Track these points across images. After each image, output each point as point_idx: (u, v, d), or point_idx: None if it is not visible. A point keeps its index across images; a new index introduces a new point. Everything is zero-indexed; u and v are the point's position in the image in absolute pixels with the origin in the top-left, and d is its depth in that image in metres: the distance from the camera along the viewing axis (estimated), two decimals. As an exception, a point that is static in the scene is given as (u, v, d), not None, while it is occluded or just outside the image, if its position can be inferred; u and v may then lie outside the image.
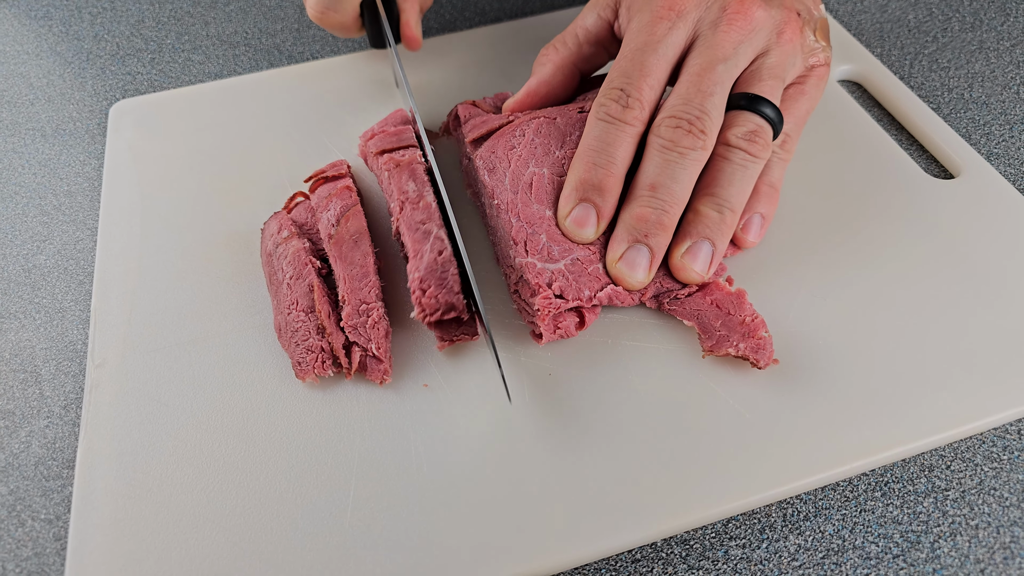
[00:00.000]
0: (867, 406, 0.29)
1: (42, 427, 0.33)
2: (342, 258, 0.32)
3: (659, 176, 0.30)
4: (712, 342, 0.30)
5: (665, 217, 0.30)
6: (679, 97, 0.30)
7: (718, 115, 0.30)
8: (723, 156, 0.31)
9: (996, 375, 0.30)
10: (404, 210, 0.32)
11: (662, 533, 0.26)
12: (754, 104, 0.31)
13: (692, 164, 0.30)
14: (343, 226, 0.32)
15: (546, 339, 0.30)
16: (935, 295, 0.33)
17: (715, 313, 0.30)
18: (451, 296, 0.29)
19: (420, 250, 0.31)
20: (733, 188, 0.30)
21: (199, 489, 0.28)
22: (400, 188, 0.33)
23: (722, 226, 0.30)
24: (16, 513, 0.30)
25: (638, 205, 0.30)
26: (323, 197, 0.34)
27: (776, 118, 0.31)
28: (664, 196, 0.30)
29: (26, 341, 0.36)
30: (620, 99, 0.31)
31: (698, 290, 0.31)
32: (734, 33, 0.31)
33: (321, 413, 0.30)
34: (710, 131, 0.30)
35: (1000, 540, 0.29)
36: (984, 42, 0.49)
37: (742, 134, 0.30)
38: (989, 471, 0.30)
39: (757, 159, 0.31)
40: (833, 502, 0.30)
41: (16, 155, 0.45)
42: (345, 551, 0.26)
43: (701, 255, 0.30)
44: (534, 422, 0.29)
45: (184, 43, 0.53)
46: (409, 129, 0.37)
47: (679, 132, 0.30)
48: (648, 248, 0.30)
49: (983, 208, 0.36)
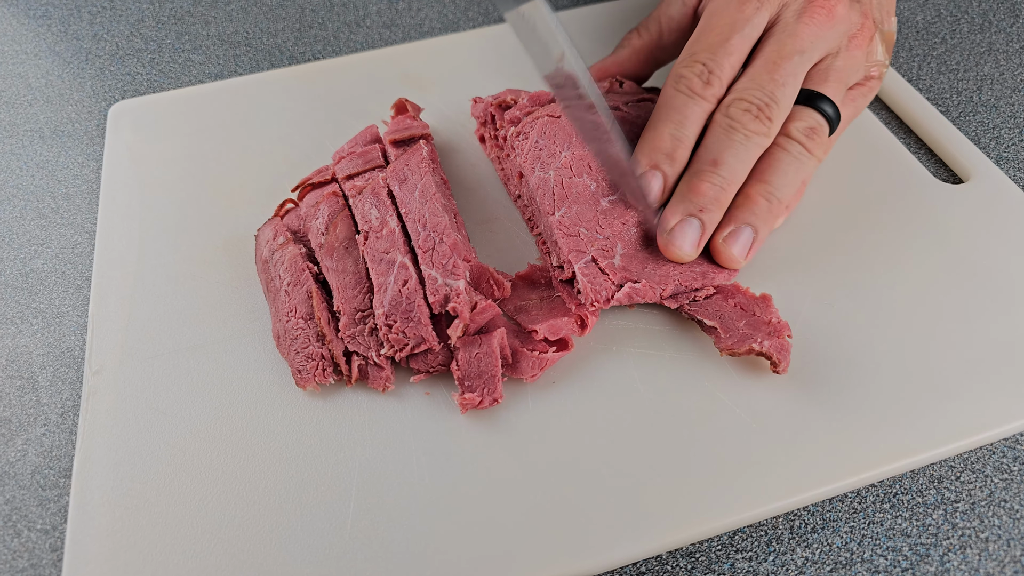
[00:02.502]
0: (876, 416, 0.28)
1: (39, 435, 0.32)
2: (334, 267, 0.31)
3: (722, 153, 0.30)
4: (733, 340, 0.29)
5: (722, 195, 0.30)
6: (753, 81, 0.31)
7: (787, 105, 0.31)
8: (781, 147, 0.31)
9: (1007, 384, 0.29)
10: (368, 240, 0.31)
11: (667, 546, 0.26)
12: (817, 102, 0.32)
13: (755, 147, 0.31)
14: (332, 233, 0.32)
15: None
16: (945, 303, 0.32)
17: (739, 314, 0.30)
18: (419, 329, 0.29)
19: (384, 283, 0.30)
20: (786, 179, 0.31)
21: (197, 499, 0.27)
22: (363, 216, 0.32)
23: (768, 215, 0.31)
24: (12, 523, 0.30)
25: (698, 179, 0.31)
26: (311, 205, 0.34)
27: (835, 119, 0.32)
28: (725, 173, 0.30)
29: (23, 347, 0.35)
30: (702, 75, 0.31)
31: (716, 293, 0.31)
32: (814, 26, 0.31)
33: (321, 421, 0.29)
34: (777, 119, 0.31)
35: (1011, 553, 0.28)
36: (993, 44, 0.48)
37: (803, 129, 0.31)
38: (999, 482, 0.30)
39: (812, 156, 0.31)
40: (841, 514, 0.29)
41: (14, 157, 0.45)
42: (346, 562, 0.26)
43: (741, 240, 0.31)
44: (537, 431, 0.29)
45: (184, 43, 0.52)
46: (375, 149, 0.36)
47: (748, 116, 0.30)
48: (701, 223, 0.30)
49: (993, 214, 0.35)
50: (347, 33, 0.52)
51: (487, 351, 0.29)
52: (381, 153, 0.36)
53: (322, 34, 0.52)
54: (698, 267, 0.31)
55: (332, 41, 0.52)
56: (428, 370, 0.30)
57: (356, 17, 0.54)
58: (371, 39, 0.52)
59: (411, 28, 0.52)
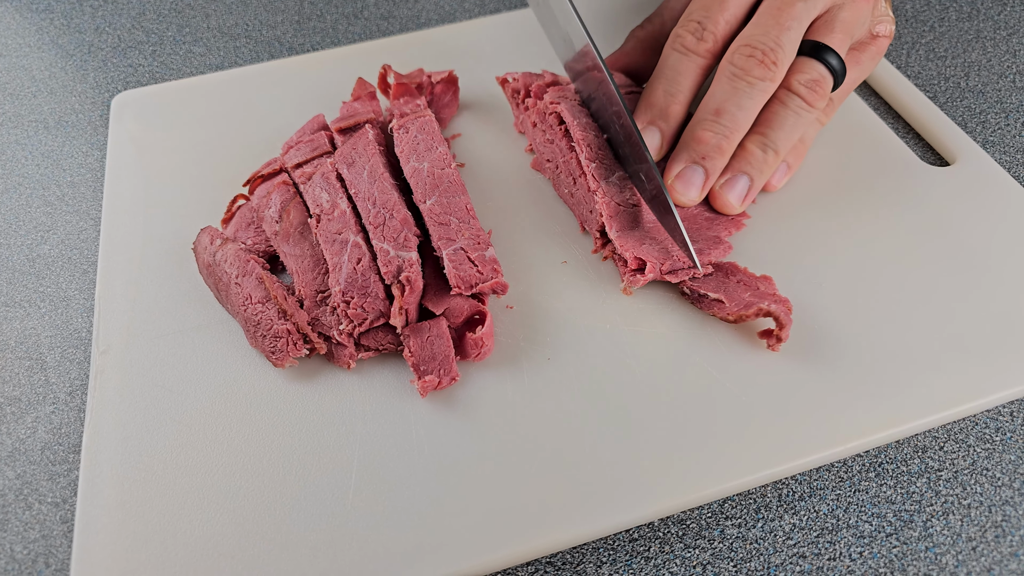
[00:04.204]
0: (862, 388, 0.29)
1: (48, 413, 0.33)
2: (291, 252, 0.32)
3: (725, 102, 0.31)
4: (739, 307, 0.30)
5: (724, 142, 0.31)
6: (757, 27, 0.31)
7: (792, 50, 0.31)
8: (780, 100, 0.32)
9: (989, 357, 0.30)
10: (321, 223, 0.32)
11: (659, 513, 0.27)
12: (821, 53, 0.32)
13: (759, 94, 0.31)
14: (286, 220, 0.33)
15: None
16: (929, 280, 0.33)
17: (742, 288, 0.31)
18: (377, 303, 0.30)
19: (338, 262, 0.31)
20: (783, 132, 0.32)
21: (203, 472, 0.28)
22: (315, 201, 0.33)
23: (763, 165, 0.32)
24: (23, 497, 0.31)
25: (701, 128, 0.32)
26: (262, 196, 0.35)
27: (840, 71, 0.32)
28: (727, 122, 0.31)
29: (32, 329, 0.36)
30: (696, 32, 0.32)
31: (715, 271, 0.32)
32: None
33: (323, 396, 0.30)
34: (781, 64, 0.31)
35: (992, 519, 0.29)
36: (981, 31, 0.49)
37: (805, 81, 0.32)
38: (982, 452, 0.31)
39: (812, 109, 0.32)
40: (828, 482, 0.30)
41: (19, 147, 0.45)
42: (348, 531, 0.27)
43: (738, 187, 0.32)
44: (532, 405, 0.30)
45: (185, 35, 0.53)
46: (322, 136, 0.37)
47: (752, 61, 0.31)
48: (704, 169, 0.32)
49: (978, 195, 0.36)
50: (345, 24, 0.53)
51: (438, 333, 0.30)
52: (328, 140, 0.37)
53: (321, 26, 0.53)
54: (694, 244, 0.32)
55: (331, 32, 0.53)
56: (378, 348, 0.31)
57: (354, 9, 0.54)
58: (369, 30, 0.53)
59: (408, 19, 0.53)
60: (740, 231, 0.34)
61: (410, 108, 0.37)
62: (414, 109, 0.37)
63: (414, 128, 0.35)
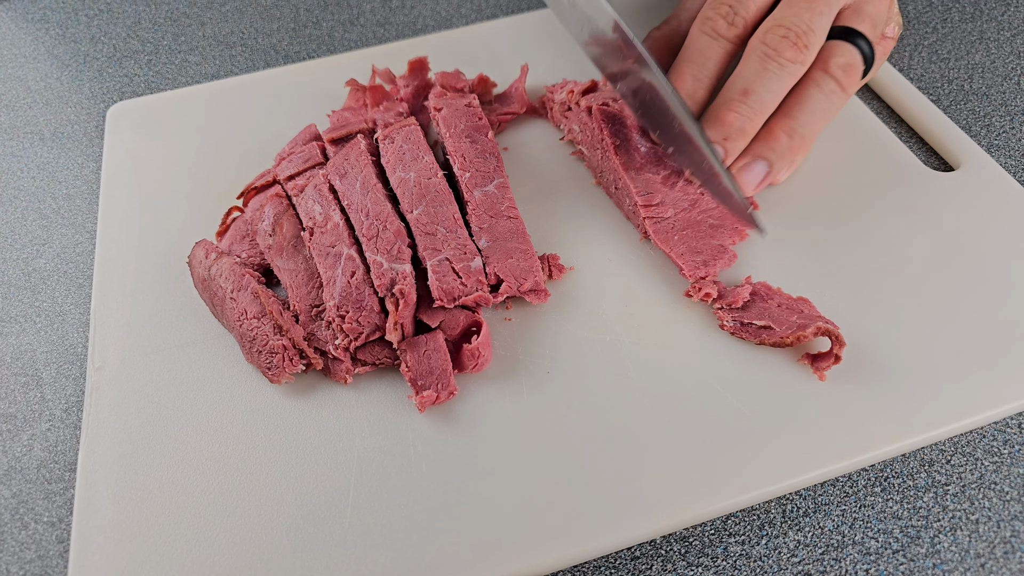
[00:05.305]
0: (866, 401, 0.29)
1: (44, 430, 0.33)
2: (285, 267, 0.32)
3: (754, 82, 0.31)
4: (791, 330, 0.29)
5: (748, 124, 0.31)
6: (790, 8, 0.31)
7: (822, 34, 0.31)
8: (815, 82, 0.31)
9: (996, 368, 0.30)
10: (314, 236, 0.32)
11: (661, 530, 0.26)
12: (853, 37, 0.31)
13: (788, 76, 0.31)
14: (279, 234, 0.32)
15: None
16: (935, 289, 0.32)
17: (787, 311, 0.30)
18: (373, 317, 0.29)
19: (332, 276, 0.30)
20: (813, 116, 0.31)
21: (200, 490, 0.28)
22: (308, 213, 0.33)
23: (787, 152, 0.31)
24: (19, 516, 0.31)
25: (727, 108, 0.31)
26: (255, 209, 0.34)
27: (870, 57, 0.32)
28: (753, 104, 0.31)
29: (27, 345, 0.36)
30: (727, 16, 0.32)
31: (752, 298, 0.31)
32: None
33: (320, 412, 0.30)
34: (812, 47, 0.31)
35: (1000, 535, 0.28)
36: (984, 32, 0.49)
37: (841, 64, 0.31)
38: (989, 465, 0.30)
39: (844, 94, 0.31)
40: (832, 498, 0.30)
41: (15, 159, 0.45)
42: (345, 550, 0.26)
43: (754, 172, 0.32)
44: (532, 420, 0.29)
45: (180, 44, 0.53)
46: (314, 147, 0.36)
47: (786, 42, 0.30)
48: (724, 151, 0.31)
49: (983, 201, 0.36)
50: (341, 32, 0.53)
51: (435, 347, 0.29)
52: (320, 151, 0.36)
53: (316, 33, 0.53)
54: (698, 255, 0.32)
55: (327, 40, 0.52)
56: (375, 362, 0.30)
57: (350, 16, 0.54)
58: (365, 37, 0.52)
59: (404, 26, 0.53)
60: (743, 241, 0.34)
61: (393, 117, 0.37)
62: (397, 118, 0.36)
63: (399, 138, 0.35)
